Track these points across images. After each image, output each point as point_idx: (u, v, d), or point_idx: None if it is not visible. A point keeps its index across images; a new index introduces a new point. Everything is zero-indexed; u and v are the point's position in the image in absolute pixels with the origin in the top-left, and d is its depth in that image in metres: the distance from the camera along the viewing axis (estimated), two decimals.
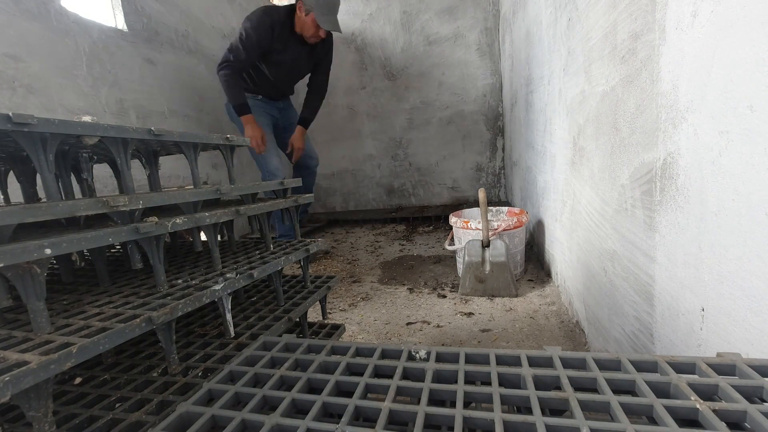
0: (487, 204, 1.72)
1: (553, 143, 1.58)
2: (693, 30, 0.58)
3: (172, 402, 0.61)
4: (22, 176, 0.84)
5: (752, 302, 0.49)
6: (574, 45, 1.19)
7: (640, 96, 0.77)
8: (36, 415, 0.45)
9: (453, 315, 1.53)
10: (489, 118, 3.55)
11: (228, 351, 0.75)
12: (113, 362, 0.74)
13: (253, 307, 0.97)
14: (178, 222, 0.71)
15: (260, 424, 0.41)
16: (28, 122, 0.50)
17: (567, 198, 1.40)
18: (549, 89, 1.60)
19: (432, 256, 2.36)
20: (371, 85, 3.70)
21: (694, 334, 0.63)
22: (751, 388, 0.41)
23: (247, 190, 0.92)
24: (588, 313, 1.20)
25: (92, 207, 0.56)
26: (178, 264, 0.92)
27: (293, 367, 0.53)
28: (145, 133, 0.68)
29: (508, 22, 2.84)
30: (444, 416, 0.40)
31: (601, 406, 0.40)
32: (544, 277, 1.84)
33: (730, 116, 0.51)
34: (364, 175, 3.91)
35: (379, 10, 3.53)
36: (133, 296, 0.69)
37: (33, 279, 0.50)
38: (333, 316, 1.61)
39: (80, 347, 0.48)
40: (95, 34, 1.89)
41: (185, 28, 2.52)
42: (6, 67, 1.51)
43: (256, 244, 1.10)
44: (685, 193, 0.62)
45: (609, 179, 0.96)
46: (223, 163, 2.82)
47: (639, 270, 0.81)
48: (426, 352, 0.53)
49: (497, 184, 3.67)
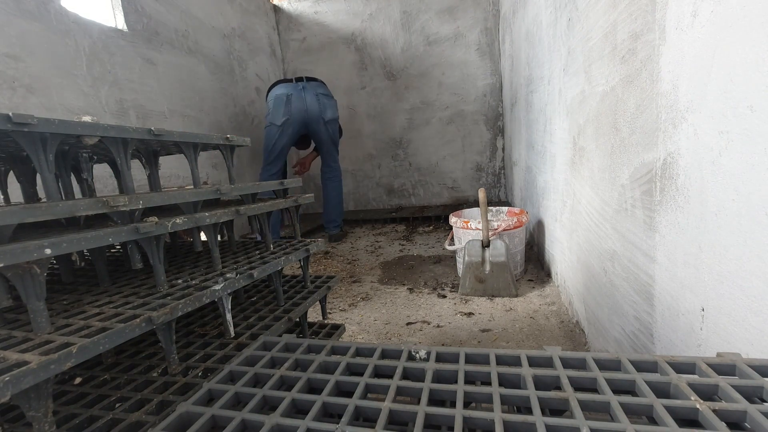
0: (487, 204, 1.72)
1: (553, 143, 1.58)
2: (693, 30, 0.58)
3: (172, 402, 0.60)
4: (22, 176, 0.84)
5: (752, 302, 0.49)
6: (574, 45, 1.19)
7: (640, 96, 0.77)
8: (36, 415, 0.45)
9: (453, 315, 1.53)
10: (489, 118, 3.55)
11: (228, 351, 0.75)
12: (113, 362, 0.74)
13: (253, 307, 0.97)
14: (178, 222, 0.71)
15: (260, 424, 0.41)
16: (28, 122, 0.50)
17: (567, 198, 1.40)
18: (549, 89, 1.60)
19: (432, 256, 2.36)
20: (371, 85, 3.70)
21: (694, 334, 0.63)
22: (751, 388, 0.41)
23: (247, 190, 0.92)
24: (588, 313, 1.20)
25: (92, 207, 0.56)
26: (178, 264, 0.92)
27: (293, 367, 0.53)
28: (145, 133, 0.68)
29: (508, 22, 2.84)
30: (444, 416, 0.40)
31: (601, 406, 0.40)
32: (544, 277, 1.84)
33: (730, 116, 0.51)
34: (364, 175, 3.91)
35: (379, 10, 3.54)
36: (133, 296, 0.68)
37: (33, 279, 0.50)
38: (333, 316, 1.61)
39: (80, 347, 0.48)
40: (95, 34, 1.89)
41: (185, 28, 2.52)
42: (6, 67, 1.51)
43: (256, 244, 1.10)
44: (685, 193, 0.62)
45: (609, 179, 0.96)
46: (223, 163, 2.82)
47: (639, 270, 0.81)
48: (426, 352, 0.53)
49: (497, 184, 3.67)
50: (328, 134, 2.80)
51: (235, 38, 3.07)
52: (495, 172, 3.64)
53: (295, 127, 2.67)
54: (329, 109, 2.74)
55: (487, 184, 3.67)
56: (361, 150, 3.85)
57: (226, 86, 2.92)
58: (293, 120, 2.64)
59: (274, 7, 3.73)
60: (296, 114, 2.63)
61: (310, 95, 2.66)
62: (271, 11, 3.70)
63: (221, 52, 2.89)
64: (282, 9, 3.74)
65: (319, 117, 2.69)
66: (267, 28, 3.59)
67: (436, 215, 3.28)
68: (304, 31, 3.74)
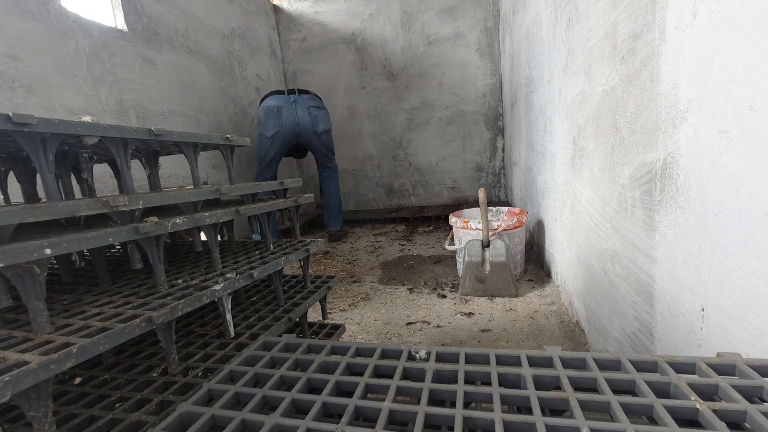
0: (487, 204, 1.72)
1: (553, 143, 1.58)
2: (693, 30, 0.58)
3: (172, 402, 0.60)
4: (22, 176, 0.84)
5: (752, 302, 0.49)
6: (574, 45, 1.19)
7: (640, 96, 0.77)
8: (36, 415, 0.45)
9: (453, 315, 1.53)
10: (489, 118, 3.55)
11: (228, 351, 0.75)
12: (113, 362, 0.74)
13: (253, 307, 0.97)
14: (178, 222, 0.71)
15: (260, 424, 0.41)
16: (28, 122, 0.50)
17: (567, 198, 1.40)
18: (549, 89, 1.60)
19: (432, 256, 2.36)
20: (371, 85, 3.70)
21: (694, 334, 0.63)
22: (751, 388, 0.41)
23: (247, 190, 0.92)
24: (588, 313, 1.20)
25: (92, 207, 0.56)
26: (178, 264, 0.92)
27: (293, 367, 0.53)
28: (145, 133, 0.68)
29: (508, 22, 2.84)
30: (444, 416, 0.40)
31: (601, 406, 0.40)
32: (544, 277, 1.84)
33: (730, 116, 0.51)
34: (364, 175, 3.91)
35: (379, 10, 3.54)
36: (133, 296, 0.68)
37: (33, 279, 0.50)
38: (333, 316, 1.61)
39: (80, 347, 0.48)
40: (95, 34, 1.89)
41: (185, 28, 2.52)
42: (6, 67, 1.51)
43: (256, 244, 1.10)
44: (685, 193, 0.62)
45: (609, 179, 0.96)
46: (223, 163, 2.82)
47: (639, 270, 0.81)
48: (426, 352, 0.53)
49: (497, 184, 3.67)
50: (321, 144, 2.83)
51: (235, 38, 3.07)
52: (495, 172, 3.64)
53: (286, 139, 2.71)
54: (321, 122, 2.75)
55: (487, 184, 3.68)
56: (361, 150, 3.85)
57: (226, 86, 2.92)
58: (283, 132, 2.68)
59: (274, 7, 3.73)
60: (286, 127, 2.67)
61: (302, 108, 2.67)
62: (271, 11, 3.70)
63: (221, 52, 2.89)
64: (282, 9, 3.74)
65: (311, 130, 2.72)
66: (267, 28, 3.59)
67: (436, 215, 3.28)
68: (304, 31, 3.74)
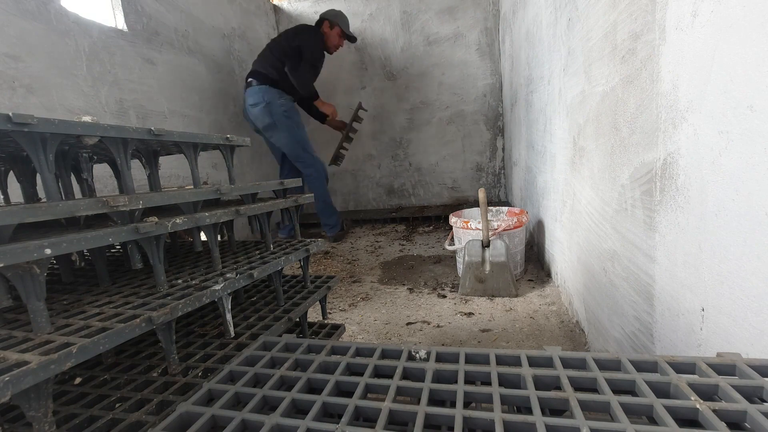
0: (487, 204, 1.72)
1: (553, 143, 1.58)
2: (693, 30, 0.58)
3: (172, 402, 0.60)
4: (22, 176, 0.84)
5: (752, 302, 0.49)
6: (574, 45, 1.19)
7: (640, 96, 0.77)
8: (36, 415, 0.45)
9: (453, 315, 1.53)
10: (489, 118, 3.55)
11: (228, 351, 0.75)
12: (113, 362, 0.74)
13: (253, 307, 0.97)
14: (178, 222, 0.71)
15: (260, 424, 0.41)
16: (28, 122, 0.50)
17: (567, 198, 1.40)
18: (549, 89, 1.60)
19: (432, 256, 2.36)
20: (371, 85, 3.70)
21: (694, 334, 0.63)
22: (751, 388, 0.41)
23: (247, 190, 0.92)
24: (588, 313, 1.20)
25: (92, 207, 0.56)
26: (178, 264, 0.92)
27: (293, 367, 0.53)
28: (145, 133, 0.68)
29: (508, 22, 2.84)
30: (444, 416, 0.40)
31: (601, 406, 0.40)
32: (544, 277, 1.84)
33: (730, 116, 0.51)
34: (364, 175, 3.91)
35: (379, 10, 3.53)
36: (133, 296, 0.68)
37: (33, 279, 0.50)
38: (333, 316, 1.61)
39: (80, 347, 0.48)
40: (95, 34, 1.89)
41: (185, 28, 2.52)
42: (6, 67, 1.51)
43: (256, 244, 1.09)
44: (685, 193, 0.62)
45: (609, 179, 0.96)
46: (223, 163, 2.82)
47: (639, 270, 0.81)
48: (426, 352, 0.53)
49: (497, 184, 3.67)
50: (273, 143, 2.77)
51: (235, 38, 3.07)
52: (495, 172, 3.64)
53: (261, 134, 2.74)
54: (260, 118, 2.56)
55: (487, 184, 3.67)
56: (361, 150, 3.85)
57: (226, 86, 2.92)
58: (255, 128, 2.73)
59: (274, 7, 3.73)
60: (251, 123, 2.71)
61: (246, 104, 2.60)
62: (271, 11, 3.70)
63: (221, 52, 2.89)
64: (282, 9, 3.74)
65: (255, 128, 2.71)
66: (267, 28, 3.59)
67: (436, 215, 3.28)
68: None
